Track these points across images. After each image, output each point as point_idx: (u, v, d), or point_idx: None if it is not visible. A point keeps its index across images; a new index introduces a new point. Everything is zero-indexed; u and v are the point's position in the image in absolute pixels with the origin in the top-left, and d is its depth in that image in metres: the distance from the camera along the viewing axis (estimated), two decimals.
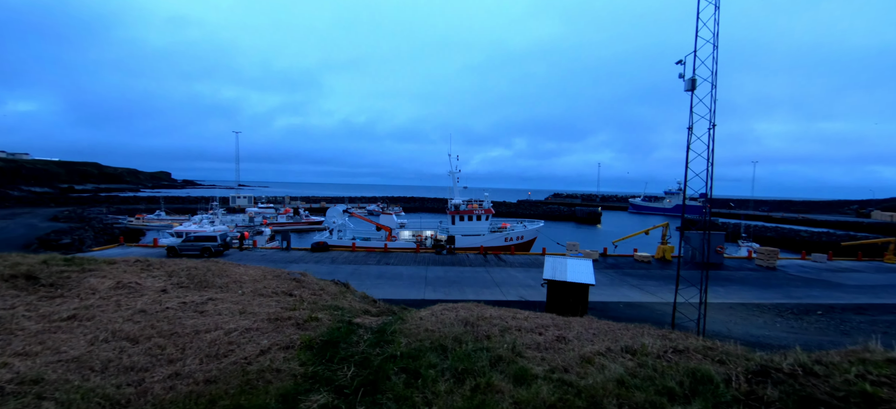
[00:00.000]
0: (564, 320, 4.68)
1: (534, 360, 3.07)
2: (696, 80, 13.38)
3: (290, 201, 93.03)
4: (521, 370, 2.82)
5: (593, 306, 20.73)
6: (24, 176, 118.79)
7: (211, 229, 36.25)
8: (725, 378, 2.79)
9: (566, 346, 3.37)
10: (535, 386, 2.55)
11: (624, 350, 3.25)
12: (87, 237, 36.94)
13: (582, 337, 3.68)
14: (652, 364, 2.92)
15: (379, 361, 3.16)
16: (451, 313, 4.42)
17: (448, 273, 27.17)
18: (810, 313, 18.80)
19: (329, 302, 5.37)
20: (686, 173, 14.20)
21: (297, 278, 6.78)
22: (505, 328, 3.79)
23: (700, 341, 3.79)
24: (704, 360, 3.13)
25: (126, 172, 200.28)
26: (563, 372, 2.78)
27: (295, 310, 4.58)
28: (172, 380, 3.02)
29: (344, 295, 6.61)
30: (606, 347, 3.29)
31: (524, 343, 3.43)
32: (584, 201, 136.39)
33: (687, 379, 2.72)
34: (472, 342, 3.39)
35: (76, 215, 51.55)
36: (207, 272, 6.23)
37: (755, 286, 25.76)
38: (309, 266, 28.36)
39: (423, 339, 3.50)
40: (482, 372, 2.81)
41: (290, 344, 3.51)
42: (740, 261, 35.53)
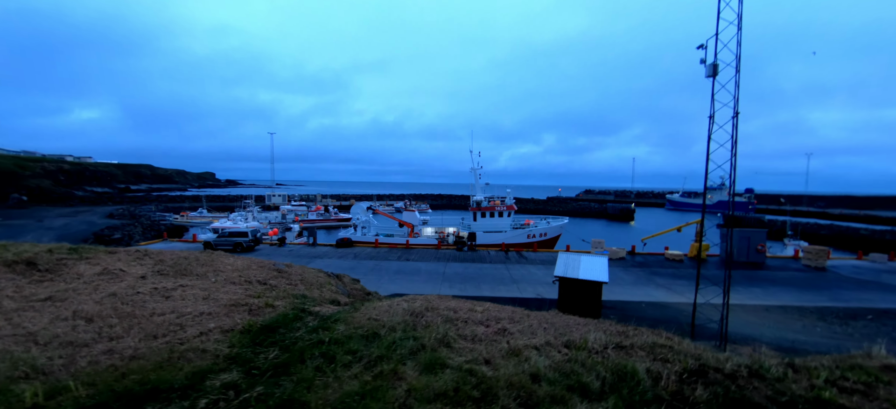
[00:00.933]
0: (524, 314, 4.53)
1: (460, 351, 2.99)
2: (717, 65, 12.54)
3: (322, 199, 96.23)
4: (436, 360, 2.75)
5: (614, 305, 20.00)
6: (87, 177, 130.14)
7: (245, 225, 38.20)
8: (655, 377, 2.58)
9: (503, 338, 3.25)
10: (439, 375, 2.48)
11: (564, 345, 3.09)
12: (136, 233, 40.02)
13: (528, 331, 3.53)
14: (583, 359, 2.76)
15: (304, 345, 3.21)
16: (406, 303, 4.40)
17: (467, 270, 27.10)
18: (859, 318, 17.14)
19: (300, 291, 5.53)
20: (707, 165, 13.34)
21: (280, 269, 7.01)
22: (450, 319, 3.72)
23: (662, 338, 3.55)
24: (647, 357, 2.93)
25: (175, 172, 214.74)
26: (480, 364, 2.69)
27: (258, 298, 4.75)
28: (102, 355, 3.23)
29: (323, 286, 6.76)
30: (547, 341, 3.14)
31: (461, 334, 3.35)
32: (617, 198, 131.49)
33: (610, 376, 2.55)
34: (404, 332, 3.35)
35: (128, 213, 56.01)
36: (194, 263, 6.59)
37: (798, 288, 23.82)
38: (332, 261, 29.24)
39: (362, 327, 3.51)
40: (396, 360, 2.77)
41: (232, 328, 3.64)
42: (785, 261, 32.97)
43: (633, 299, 20.89)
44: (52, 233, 39.85)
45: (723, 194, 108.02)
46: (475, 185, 38.05)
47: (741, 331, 15.97)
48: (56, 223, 47.64)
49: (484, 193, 38.36)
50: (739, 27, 12.14)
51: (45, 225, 46.09)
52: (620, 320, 17.90)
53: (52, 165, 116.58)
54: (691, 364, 2.71)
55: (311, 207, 75.80)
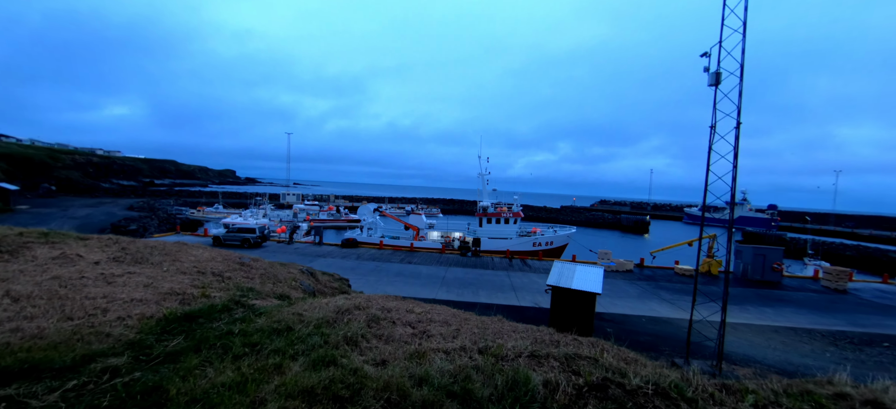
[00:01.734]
0: (467, 318, 4.38)
1: (364, 350, 2.89)
2: (720, 74, 12.13)
3: (335, 200, 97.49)
4: (328, 357, 2.66)
5: (613, 318, 19.48)
6: (114, 171, 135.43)
7: (254, 222, 38.95)
8: (553, 388, 2.44)
9: (418, 341, 3.14)
10: (321, 372, 2.40)
11: (479, 350, 2.96)
12: (152, 225, 41.32)
13: (451, 335, 3.40)
14: (486, 366, 2.62)
15: (210, 336, 3.19)
16: (343, 300, 4.33)
17: (467, 275, 26.90)
18: (874, 345, 16.19)
19: (250, 285, 5.54)
20: (707, 176, 12.88)
21: (243, 263, 7.06)
22: (376, 318, 3.63)
23: (584, 349, 3.39)
24: (558, 368, 2.77)
25: (198, 169, 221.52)
26: (375, 364, 2.59)
27: (201, 288, 4.77)
28: (8, 333, 3.28)
29: (282, 281, 6.74)
30: (462, 345, 3.01)
31: (377, 334, 3.25)
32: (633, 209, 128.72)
33: (504, 385, 2.41)
34: (317, 328, 3.28)
35: (148, 206, 57.95)
36: (157, 252, 6.70)
37: (814, 310, 22.71)
38: (335, 260, 29.49)
39: (282, 321, 3.47)
40: (290, 355, 2.71)
41: (152, 315, 3.66)
42: (803, 281, 31.54)
43: (634, 313, 20.31)
44: (73, 221, 41.49)
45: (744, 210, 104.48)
46: (482, 190, 37.85)
47: (745, 352, 15.28)
48: (79, 213, 49.62)
49: (491, 199, 38.10)
50: (744, 35, 11.73)
51: (68, 214, 48.07)
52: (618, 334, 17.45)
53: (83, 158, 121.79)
54: (595, 378, 2.55)
55: (323, 206, 76.88)
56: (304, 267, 8.71)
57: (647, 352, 14.50)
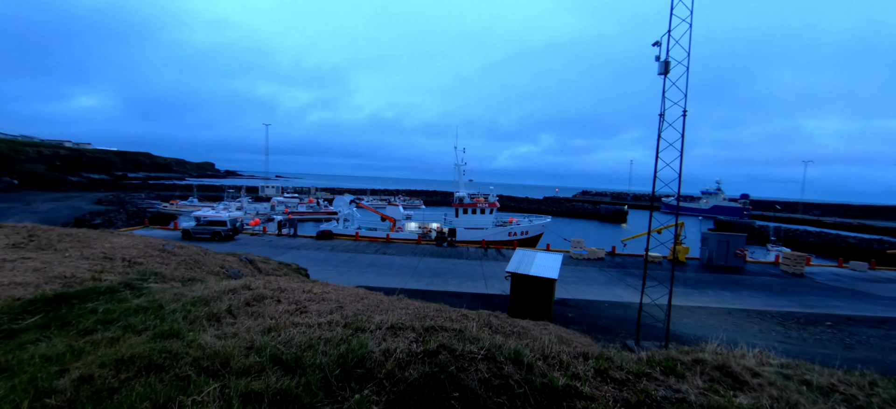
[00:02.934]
0: (381, 299, 4.46)
1: (227, 325, 2.93)
2: (669, 62, 12.40)
3: (316, 192, 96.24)
4: (173, 330, 2.69)
5: (577, 303, 19.95)
6: (84, 164, 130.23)
7: (226, 215, 38.16)
8: (388, 355, 2.52)
9: (290, 316, 3.19)
10: (157, 344, 2.43)
11: (345, 324, 3.02)
12: (119, 219, 40.06)
13: (327, 312, 3.46)
14: (339, 339, 2.68)
15: (71, 315, 3.18)
16: (237, 283, 4.34)
17: (440, 265, 27.06)
18: (818, 324, 17.06)
19: (158, 270, 5.49)
20: (656, 164, 13.23)
21: (165, 250, 6.96)
22: (260, 297, 3.66)
23: (459, 322, 3.48)
24: (412, 338, 2.85)
25: (174, 161, 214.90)
26: (225, 338, 2.63)
27: (97, 272, 4.72)
28: None
29: (204, 266, 6.71)
30: (332, 320, 3.07)
31: (250, 311, 3.28)
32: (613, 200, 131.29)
33: (340, 353, 2.47)
34: (184, 306, 3.31)
35: (117, 200, 56.07)
36: (65, 238, 6.54)
37: (770, 293, 23.72)
38: (307, 252, 29.21)
39: (157, 301, 3.46)
40: (136, 329, 2.73)
41: (22, 297, 3.62)
42: (765, 266, 32.85)
43: (598, 298, 20.83)
44: (35, 216, 39.87)
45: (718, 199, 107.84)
46: (458, 181, 37.96)
47: (696, 333, 15.88)
48: (42, 208, 47.69)
49: (468, 189, 38.26)
50: (690, 25, 12.01)
51: (31, 209, 46.14)
52: (579, 319, 17.85)
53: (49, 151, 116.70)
54: (431, 346, 2.64)
55: (303, 199, 75.80)
56: (243, 256, 8.64)
57: (605, 335, 14.96)
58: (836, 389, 3.06)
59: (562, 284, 23.39)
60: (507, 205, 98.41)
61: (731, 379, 3.13)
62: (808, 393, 2.97)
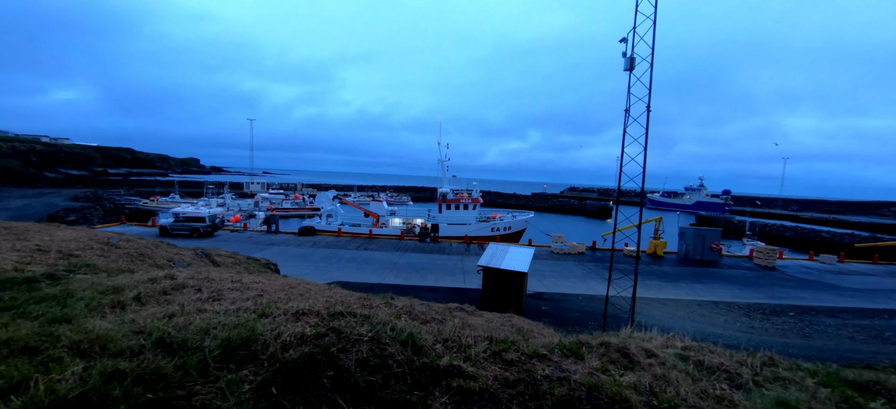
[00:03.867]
0: (308, 287, 4.52)
1: (132, 311, 2.96)
2: (634, 59, 12.62)
3: (302, 188, 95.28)
4: (65, 316, 2.70)
5: (553, 297, 20.25)
6: (62, 160, 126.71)
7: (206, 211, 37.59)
8: (277, 337, 2.58)
9: (201, 303, 3.23)
10: (45, 328, 2.45)
11: (261, 313, 3.07)
12: (96, 216, 39.14)
13: (244, 299, 3.50)
14: (234, 323, 2.74)
15: None
16: (162, 273, 4.35)
17: (421, 260, 27.13)
18: (781, 314, 17.63)
19: (96, 263, 5.44)
20: (621, 158, 13.50)
21: (110, 243, 6.89)
22: (180, 286, 3.69)
23: (365, 308, 3.56)
24: (315, 323, 2.91)
25: (157, 157, 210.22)
26: (122, 324, 2.66)
27: (24, 264, 4.68)
28: None
29: (147, 258, 6.68)
30: (242, 307, 3.12)
31: (162, 300, 3.32)
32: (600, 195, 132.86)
33: (228, 336, 2.53)
34: (92, 294, 3.32)
35: (94, 196, 54.72)
36: (2, 231, 6.45)
37: (741, 285, 24.40)
38: (288, 248, 28.99)
39: (71, 290, 3.46)
40: (32, 315, 2.75)
41: None
42: (739, 260, 33.72)
43: (574, 292, 21.17)
44: (6, 213, 38.76)
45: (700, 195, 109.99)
46: (442, 177, 38.01)
47: (665, 324, 16.27)
48: (14, 204, 46.37)
49: (451, 185, 38.33)
50: (654, 22, 12.23)
51: (2, 205, 44.81)
52: (552, 311, 18.09)
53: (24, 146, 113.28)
54: (321, 330, 2.71)
55: (289, 195, 75.01)
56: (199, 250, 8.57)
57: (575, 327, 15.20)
58: (724, 367, 3.22)
59: (539, 278, 23.69)
60: (495, 201, 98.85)
61: (628, 360, 3.26)
62: (694, 372, 3.12)
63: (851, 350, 13.76)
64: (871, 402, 2.84)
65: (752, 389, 2.88)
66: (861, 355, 12.95)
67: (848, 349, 13.91)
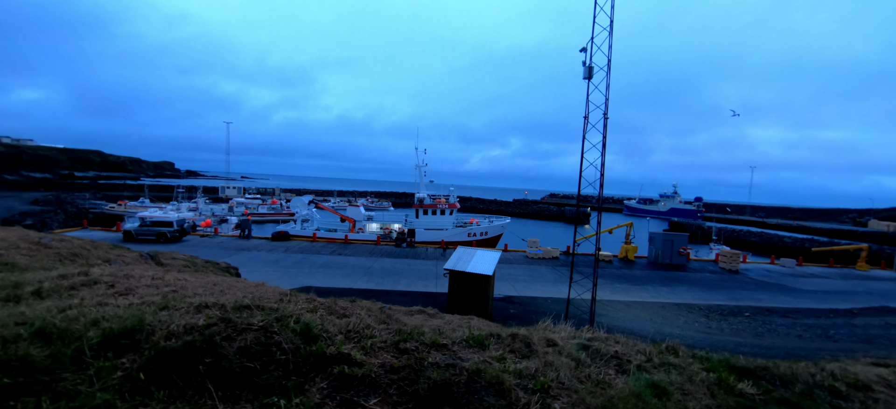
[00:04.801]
0: (217, 281, 4.52)
1: (26, 305, 2.94)
2: (592, 67, 13.07)
3: (280, 193, 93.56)
4: None
5: (522, 300, 20.52)
6: (24, 161, 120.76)
7: (176, 216, 36.49)
8: (164, 326, 2.61)
9: (104, 298, 3.22)
10: None
11: (163, 307, 3.08)
12: (56, 220, 37.42)
13: (158, 294, 3.50)
14: (127, 315, 2.76)
15: None
16: (76, 269, 4.30)
17: (395, 265, 27.04)
18: (738, 315, 18.37)
19: (16, 262, 5.29)
20: (581, 163, 13.90)
21: (40, 243, 6.70)
22: (92, 282, 3.66)
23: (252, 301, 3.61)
24: (216, 317, 2.95)
25: (129, 160, 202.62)
26: (11, 316, 2.64)
27: None
28: None
29: (78, 259, 6.51)
30: (148, 301, 3.13)
31: (67, 294, 3.30)
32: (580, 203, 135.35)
33: (113, 326, 2.54)
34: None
35: (56, 200, 52.30)
36: None
37: (704, 287, 25.29)
38: (259, 253, 28.42)
39: None
40: None
41: None
42: (706, 263, 34.92)
43: (543, 295, 21.52)
44: None
45: (674, 202, 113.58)
46: (419, 183, 38.09)
47: (627, 326, 16.70)
48: None
49: (428, 190, 38.44)
50: (610, 32, 12.70)
51: None
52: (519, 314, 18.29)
53: None
54: (212, 319, 2.75)
55: (266, 200, 73.52)
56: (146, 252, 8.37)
57: None
58: (619, 355, 3.39)
59: (511, 282, 23.98)
60: (476, 207, 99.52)
61: (528, 349, 3.40)
62: (586, 359, 3.28)
63: (798, 347, 14.44)
64: (740, 384, 3.06)
65: (635, 373, 3.05)
66: (805, 352, 13.62)
67: (795, 346, 14.60)
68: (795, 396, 3.18)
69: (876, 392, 3.62)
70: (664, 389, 2.70)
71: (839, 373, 4.05)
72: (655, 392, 2.64)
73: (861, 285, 28.76)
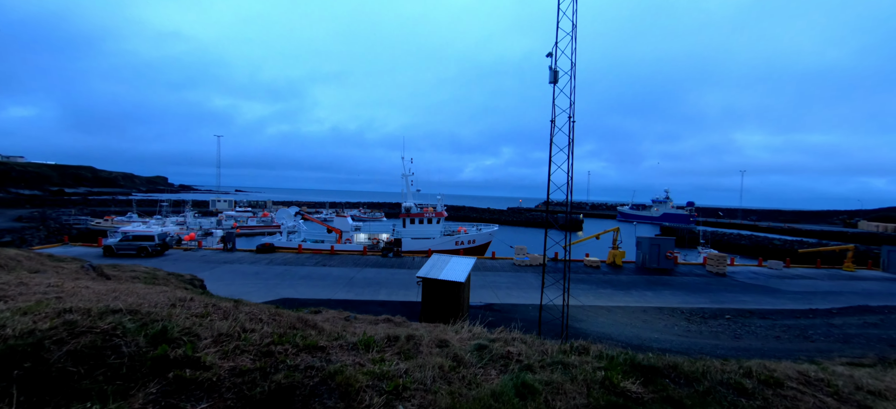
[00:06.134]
0: (100, 292, 4.38)
1: None
2: (557, 72, 13.10)
3: (272, 205, 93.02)
4: None
5: (502, 307, 20.32)
6: (13, 179, 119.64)
7: (159, 229, 36.10)
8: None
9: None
10: None
11: (19, 310, 2.95)
12: (36, 237, 36.87)
13: (27, 300, 3.35)
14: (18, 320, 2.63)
15: None
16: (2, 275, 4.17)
17: (378, 275, 26.77)
18: (719, 318, 18.26)
19: None
20: (549, 168, 13.86)
21: None
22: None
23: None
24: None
25: (121, 176, 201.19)
26: None
27: None
28: None
29: (3, 270, 6.33)
30: (15, 306, 3.00)
31: None
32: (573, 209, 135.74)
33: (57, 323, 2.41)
34: None
35: (40, 216, 51.65)
36: None
37: (689, 291, 25.17)
38: (241, 266, 28.05)
39: None
40: None
41: None
42: (693, 267, 34.86)
43: (525, 302, 21.33)
44: None
45: (667, 207, 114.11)
46: (406, 192, 37.98)
47: (606, 330, 16.55)
48: None
49: (415, 200, 38.32)
50: (574, 37, 12.77)
51: None
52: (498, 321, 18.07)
53: None
54: (55, 323, 2.60)
55: (257, 213, 73.05)
56: (86, 263, 8.16)
57: None
58: (510, 355, 3.26)
59: (494, 289, 23.79)
60: (469, 216, 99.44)
61: (416, 350, 3.26)
62: (471, 358, 3.15)
63: (775, 349, 14.33)
64: (627, 382, 2.93)
65: (515, 373, 2.92)
66: (782, 353, 13.51)
67: (772, 348, 14.49)
68: (693, 395, 3.06)
69: (786, 389, 3.51)
70: (532, 388, 2.57)
71: (757, 370, 3.95)
72: (520, 392, 2.50)
73: (846, 286, 28.79)
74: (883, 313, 17.52)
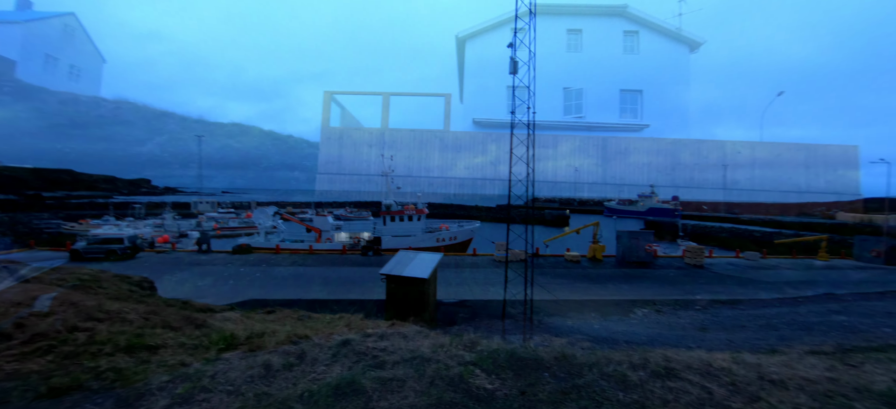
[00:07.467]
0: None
1: None
2: (517, 62, 12.89)
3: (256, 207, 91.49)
4: None
5: (474, 304, 20.14)
6: None
7: (130, 231, 35.11)
8: None
9: None
10: None
11: None
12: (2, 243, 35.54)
13: None
14: None
15: None
16: None
17: (354, 274, 26.40)
18: (689, 308, 18.33)
19: None
20: (510, 160, 13.65)
21: None
22: None
23: None
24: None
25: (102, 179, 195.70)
26: None
27: None
28: None
29: None
30: None
31: None
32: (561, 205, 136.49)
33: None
34: None
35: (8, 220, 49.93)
36: None
37: (664, 283, 25.32)
38: (214, 267, 27.38)
39: None
40: None
41: None
42: (672, 260, 35.17)
43: (496, 298, 21.09)
44: None
45: (653, 202, 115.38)
46: (386, 190, 37.56)
47: (575, 324, 16.45)
48: None
49: (395, 197, 37.93)
50: (533, 27, 12.56)
51: None
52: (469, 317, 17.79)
53: None
54: None
55: (241, 214, 71.74)
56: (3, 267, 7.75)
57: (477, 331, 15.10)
58: (367, 352, 2.99)
59: (469, 285, 23.60)
60: (457, 214, 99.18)
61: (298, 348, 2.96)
62: (326, 358, 2.87)
63: (740, 339, 14.37)
64: (480, 378, 2.68)
65: (356, 371, 2.65)
66: (743, 342, 13.53)
67: (739, 338, 14.52)
68: (560, 391, 2.81)
69: (676, 381, 3.30)
70: (358, 387, 2.29)
71: (654, 361, 3.74)
72: (341, 391, 2.23)
73: (819, 275, 29.31)
74: (847, 301, 17.77)
